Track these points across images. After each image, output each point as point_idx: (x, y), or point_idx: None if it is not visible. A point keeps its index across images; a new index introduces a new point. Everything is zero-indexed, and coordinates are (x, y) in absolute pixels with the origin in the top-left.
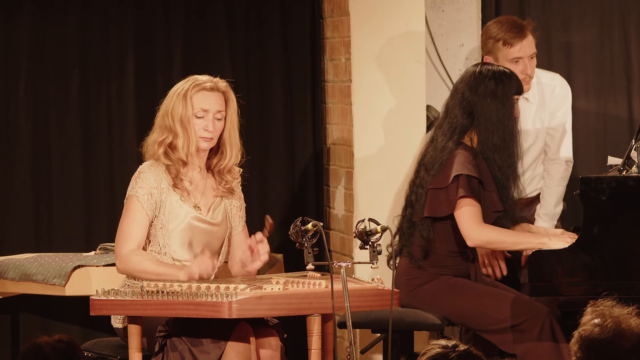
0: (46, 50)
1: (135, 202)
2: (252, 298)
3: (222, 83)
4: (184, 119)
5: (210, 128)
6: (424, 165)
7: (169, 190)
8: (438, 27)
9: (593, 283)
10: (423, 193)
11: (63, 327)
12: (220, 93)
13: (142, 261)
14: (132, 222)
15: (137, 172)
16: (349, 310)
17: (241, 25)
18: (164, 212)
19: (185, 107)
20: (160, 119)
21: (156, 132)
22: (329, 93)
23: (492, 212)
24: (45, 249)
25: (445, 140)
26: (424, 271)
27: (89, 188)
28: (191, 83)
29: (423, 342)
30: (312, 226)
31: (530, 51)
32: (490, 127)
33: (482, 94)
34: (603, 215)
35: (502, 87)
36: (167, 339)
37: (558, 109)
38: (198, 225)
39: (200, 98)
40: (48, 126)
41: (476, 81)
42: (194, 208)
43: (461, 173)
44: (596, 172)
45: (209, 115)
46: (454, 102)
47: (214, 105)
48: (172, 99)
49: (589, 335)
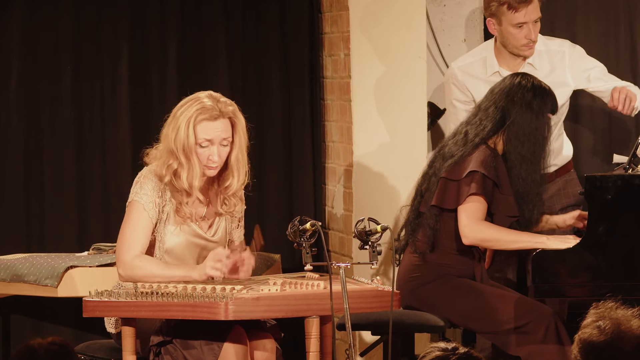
0: (38, 46)
1: (139, 207)
2: (248, 299)
3: (229, 107)
4: (187, 148)
5: (214, 158)
6: (442, 155)
7: (172, 203)
8: (439, 21)
9: (597, 284)
10: (435, 182)
11: (55, 329)
12: (227, 119)
13: (149, 266)
14: (135, 228)
15: (142, 176)
16: (348, 312)
17: (238, 20)
18: (162, 226)
19: (187, 136)
20: (164, 139)
21: (163, 151)
22: (328, 89)
23: (507, 216)
24: (37, 249)
25: (471, 136)
26: (427, 268)
27: (82, 186)
28: (196, 109)
29: (424, 345)
30: (311, 226)
31: (535, 16)
32: (521, 136)
33: (519, 103)
34: (608, 214)
35: (539, 101)
36: (161, 347)
37: (578, 68)
38: (197, 242)
39: (205, 128)
40: (40, 124)
41: (514, 89)
42: (194, 223)
43: (477, 170)
44: (601, 170)
45: (214, 144)
46: (488, 104)
47: (219, 134)
48: (177, 122)
49: (587, 338)
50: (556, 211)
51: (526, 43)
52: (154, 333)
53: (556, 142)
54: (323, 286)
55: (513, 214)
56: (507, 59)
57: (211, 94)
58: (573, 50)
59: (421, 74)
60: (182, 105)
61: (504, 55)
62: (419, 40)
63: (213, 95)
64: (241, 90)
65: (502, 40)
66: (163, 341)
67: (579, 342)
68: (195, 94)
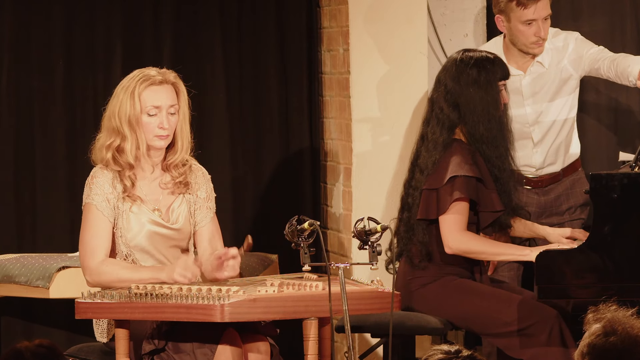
0: (29, 40)
1: (93, 210)
2: (245, 301)
3: (171, 74)
4: (133, 118)
5: (165, 125)
6: (418, 166)
7: (124, 197)
8: (441, 16)
9: (604, 285)
10: (418, 195)
11: (47, 331)
12: (170, 85)
13: (115, 270)
14: (95, 232)
15: (90, 177)
16: (347, 314)
17: (234, 14)
18: (122, 220)
19: (133, 106)
20: (107, 121)
21: (103, 135)
22: (327, 85)
23: (492, 212)
24: (28, 249)
25: (435, 137)
26: (426, 271)
27: (74, 185)
28: (138, 78)
29: (425, 347)
30: (309, 225)
31: (545, 13)
32: (475, 117)
33: (465, 84)
34: (614, 213)
35: (485, 74)
36: (153, 355)
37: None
38: (158, 231)
39: (150, 94)
40: (31, 120)
41: (457, 70)
42: (153, 212)
43: (457, 174)
44: (607, 168)
45: (162, 111)
46: (438, 95)
47: (166, 100)
48: (119, 97)
49: (597, 343)
50: (563, 211)
51: (535, 41)
52: (145, 340)
53: (566, 138)
54: (321, 287)
55: (496, 209)
56: (515, 56)
57: (152, 67)
58: (575, 40)
59: (422, 69)
60: (122, 81)
61: (512, 53)
62: (420, 35)
63: (154, 67)
64: (237, 87)
65: (511, 38)
66: (155, 349)
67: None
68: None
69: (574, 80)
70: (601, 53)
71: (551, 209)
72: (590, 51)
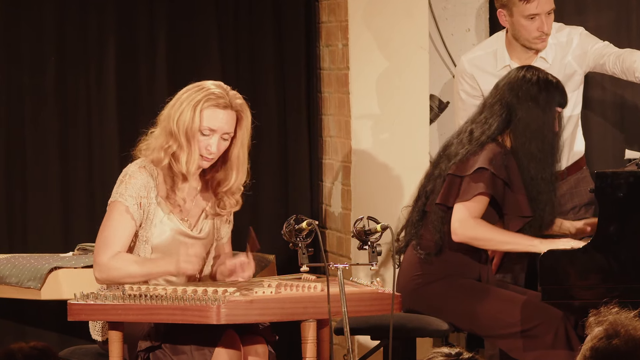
0: (20, 35)
1: (121, 209)
2: (242, 302)
3: (238, 100)
4: (190, 131)
5: (212, 149)
6: (446, 155)
7: (157, 202)
8: (442, 10)
9: (608, 286)
10: (441, 182)
11: (39, 333)
12: (234, 112)
13: (125, 265)
14: (116, 230)
15: (127, 175)
16: (347, 316)
17: (230, 8)
18: (149, 225)
19: (192, 119)
20: (165, 121)
21: (160, 135)
22: (325, 81)
23: (519, 217)
24: (19, 250)
25: (477, 134)
26: (430, 268)
27: (67, 183)
28: (204, 94)
29: (426, 350)
30: (307, 225)
31: (548, 7)
32: (528, 133)
33: (523, 98)
34: (620, 213)
35: (546, 94)
36: (149, 352)
37: (587, 48)
38: (182, 240)
39: (211, 115)
40: (22, 117)
41: (519, 83)
42: (181, 222)
43: (487, 168)
44: (612, 166)
45: (215, 135)
46: (493, 100)
47: (223, 125)
48: (182, 105)
49: (604, 348)
50: (567, 211)
51: (538, 36)
52: (141, 338)
53: (570, 135)
54: (320, 288)
55: (526, 214)
56: (518, 52)
57: (220, 84)
58: (579, 36)
59: (423, 65)
60: (189, 89)
61: (515, 48)
62: (421, 29)
63: (222, 85)
64: (234, 83)
65: (514, 33)
66: (151, 346)
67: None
68: (202, 82)
69: (579, 76)
70: (606, 48)
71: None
72: (595, 46)
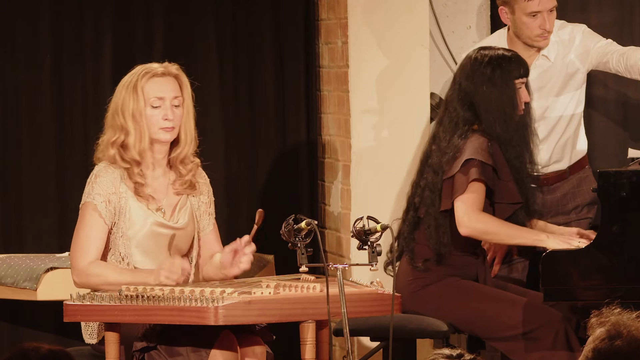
0: (15, 32)
1: (92, 210)
2: (240, 303)
3: (174, 66)
4: (136, 113)
5: (170, 116)
6: (431, 167)
7: (128, 195)
8: (443, 7)
9: (611, 286)
10: (429, 195)
11: (34, 334)
12: (173, 77)
13: (104, 273)
14: (89, 232)
15: (93, 175)
16: (346, 317)
17: (228, 5)
18: (124, 219)
19: (136, 100)
20: (110, 118)
21: (108, 133)
22: (324, 80)
23: (509, 204)
24: (14, 250)
25: (448, 138)
26: (428, 273)
27: (63, 183)
28: (140, 72)
29: (427, 351)
30: (306, 225)
31: (551, 4)
32: (491, 117)
33: (479, 83)
34: (623, 212)
35: (500, 72)
36: (144, 353)
37: (590, 46)
38: (161, 232)
39: (153, 85)
40: (18, 115)
41: (472, 68)
42: (156, 211)
43: (474, 157)
44: (615, 165)
45: (165, 102)
46: (452, 94)
47: (169, 91)
48: (121, 93)
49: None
50: (570, 210)
51: (540, 33)
52: (137, 338)
53: (573, 134)
54: (319, 289)
55: (515, 201)
56: (520, 50)
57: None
58: (582, 33)
59: (423, 63)
60: (124, 79)
61: (517, 46)
62: (422, 27)
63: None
64: (232, 81)
65: (515, 30)
66: (147, 347)
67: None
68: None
69: (581, 74)
70: (610, 46)
71: (557, 208)
72: (598, 44)
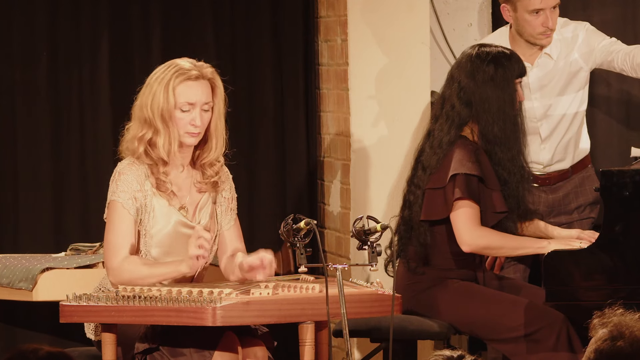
0: (11, 30)
1: (119, 208)
2: (238, 304)
3: (208, 69)
4: (166, 113)
5: (197, 122)
6: (421, 163)
7: (153, 193)
8: (444, 4)
9: (614, 287)
10: (420, 194)
11: (30, 335)
12: (207, 81)
13: (136, 268)
14: (118, 231)
15: (117, 173)
16: (346, 317)
17: (227, 2)
18: (148, 217)
19: (167, 100)
20: (138, 111)
21: (134, 126)
22: (324, 78)
23: (493, 213)
24: (10, 250)
25: (442, 135)
26: (425, 276)
27: (59, 182)
28: (174, 71)
29: (427, 353)
30: (305, 224)
31: (553, 2)
32: (489, 117)
33: (481, 81)
34: (625, 212)
35: (503, 71)
36: (146, 355)
37: (594, 45)
38: (183, 232)
39: (185, 89)
40: (13, 114)
41: (473, 66)
42: (180, 210)
43: (458, 172)
44: (618, 165)
45: (195, 108)
46: (451, 91)
47: (200, 96)
48: (153, 88)
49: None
50: (572, 210)
51: (543, 31)
52: (138, 339)
53: (576, 133)
54: (318, 289)
55: (499, 210)
56: (522, 48)
57: (187, 58)
58: (585, 31)
59: (424, 61)
60: (157, 72)
61: (519, 44)
62: (422, 24)
63: (189, 59)
64: (230, 79)
65: (518, 28)
66: (149, 348)
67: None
68: (168, 61)
69: (584, 72)
70: (614, 45)
71: (559, 208)
72: (602, 43)
